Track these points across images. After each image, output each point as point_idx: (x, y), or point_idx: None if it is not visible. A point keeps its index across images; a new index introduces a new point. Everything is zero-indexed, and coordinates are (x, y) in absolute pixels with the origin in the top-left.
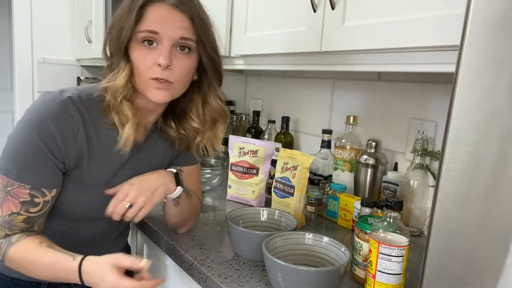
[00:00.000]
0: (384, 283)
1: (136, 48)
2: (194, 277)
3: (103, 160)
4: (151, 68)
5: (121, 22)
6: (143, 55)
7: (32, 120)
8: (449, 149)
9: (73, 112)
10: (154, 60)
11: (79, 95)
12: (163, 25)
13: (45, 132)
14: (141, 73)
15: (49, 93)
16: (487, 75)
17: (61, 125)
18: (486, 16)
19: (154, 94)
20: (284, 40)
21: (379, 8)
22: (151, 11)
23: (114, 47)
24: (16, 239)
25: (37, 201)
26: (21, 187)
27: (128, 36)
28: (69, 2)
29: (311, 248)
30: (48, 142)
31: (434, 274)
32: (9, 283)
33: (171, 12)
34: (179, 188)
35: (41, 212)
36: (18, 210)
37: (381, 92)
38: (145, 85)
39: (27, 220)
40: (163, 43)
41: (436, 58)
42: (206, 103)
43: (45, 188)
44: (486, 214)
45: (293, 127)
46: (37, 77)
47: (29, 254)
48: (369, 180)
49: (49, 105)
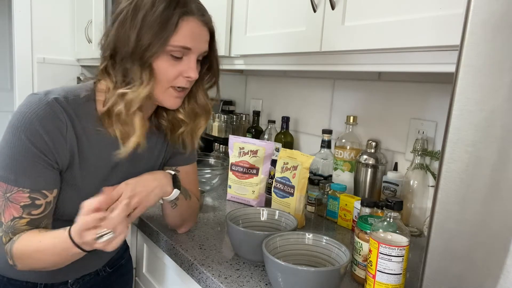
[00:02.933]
0: (384, 283)
1: (163, 59)
2: (194, 277)
3: (94, 162)
4: (176, 79)
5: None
6: (170, 67)
7: (19, 124)
8: (449, 149)
9: (60, 114)
10: (180, 72)
11: (65, 96)
12: (194, 42)
13: (34, 134)
14: (163, 83)
15: (34, 95)
16: (487, 75)
17: (48, 127)
18: (486, 16)
19: (172, 102)
20: (284, 40)
21: (379, 8)
22: (185, 26)
23: (134, 56)
24: (18, 236)
25: (39, 203)
26: (20, 191)
27: (160, 50)
28: (69, 2)
29: (311, 248)
30: (38, 144)
31: (434, 274)
32: (6, 284)
33: (201, 27)
34: (175, 190)
35: (45, 213)
36: (20, 214)
37: (381, 92)
38: (163, 93)
39: (31, 222)
40: (190, 56)
41: (436, 58)
42: (194, 97)
43: (45, 189)
44: (486, 214)
45: (293, 127)
46: (37, 77)
47: (30, 242)
48: (369, 180)
49: (35, 107)
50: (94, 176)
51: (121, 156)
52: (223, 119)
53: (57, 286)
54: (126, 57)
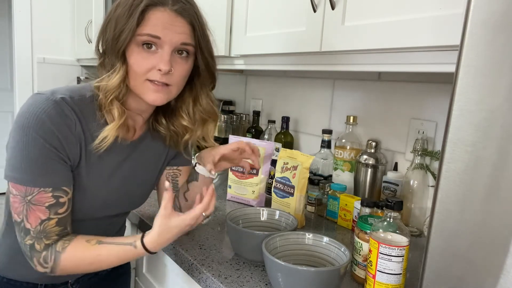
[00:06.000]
0: (384, 283)
1: (134, 50)
2: (194, 277)
3: (98, 161)
4: (149, 71)
5: (119, 23)
6: (142, 58)
7: (29, 123)
8: (449, 149)
9: (68, 112)
10: (153, 64)
11: (71, 95)
12: (165, 31)
13: (45, 131)
14: (138, 75)
15: (40, 94)
16: (487, 75)
17: (59, 125)
18: (486, 16)
19: (151, 96)
20: (284, 40)
21: (379, 8)
22: (153, 15)
23: (110, 47)
24: (62, 247)
25: (62, 200)
26: (42, 192)
27: (128, 39)
28: (69, 2)
29: (311, 248)
30: (52, 141)
31: (434, 274)
32: (6, 284)
33: (173, 18)
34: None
35: (69, 211)
36: (47, 215)
37: (381, 92)
38: (141, 87)
39: (59, 222)
40: (164, 48)
41: (436, 58)
42: (197, 103)
43: (65, 186)
44: (486, 214)
45: (293, 127)
46: (37, 77)
47: (85, 256)
48: (369, 180)
49: (43, 105)
50: (98, 176)
51: (95, 145)
52: (223, 119)
53: (58, 286)
54: (107, 49)
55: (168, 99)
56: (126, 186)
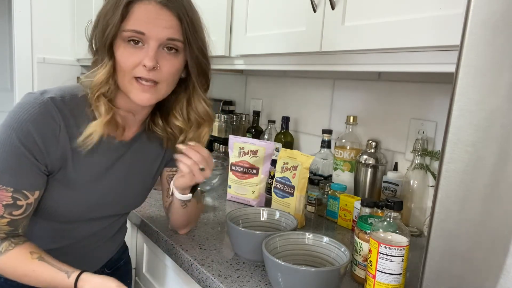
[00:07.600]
0: (384, 283)
1: (121, 46)
2: (194, 277)
3: (89, 161)
4: (136, 67)
5: (106, 18)
6: (128, 54)
7: (12, 123)
8: (449, 149)
9: (54, 114)
10: (139, 60)
11: (62, 95)
12: (149, 25)
13: (25, 135)
14: (125, 72)
15: (30, 94)
16: (487, 75)
17: (41, 128)
18: (486, 16)
19: (138, 96)
20: (284, 40)
21: (379, 8)
22: (137, 9)
23: (99, 42)
24: (5, 248)
25: (20, 203)
26: (3, 189)
27: (113, 34)
28: (69, 2)
29: (311, 248)
30: (28, 145)
31: (434, 274)
32: (3, 284)
33: (158, 11)
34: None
35: (25, 215)
36: (2, 213)
37: (381, 92)
38: (128, 85)
39: (11, 223)
40: (149, 43)
41: (436, 58)
42: (190, 104)
43: (27, 190)
44: (486, 214)
45: (293, 127)
46: (37, 77)
47: (20, 266)
48: (369, 180)
49: (29, 107)
50: (88, 177)
51: (79, 142)
52: (223, 119)
53: None
54: (98, 46)
55: (157, 98)
56: (119, 187)
